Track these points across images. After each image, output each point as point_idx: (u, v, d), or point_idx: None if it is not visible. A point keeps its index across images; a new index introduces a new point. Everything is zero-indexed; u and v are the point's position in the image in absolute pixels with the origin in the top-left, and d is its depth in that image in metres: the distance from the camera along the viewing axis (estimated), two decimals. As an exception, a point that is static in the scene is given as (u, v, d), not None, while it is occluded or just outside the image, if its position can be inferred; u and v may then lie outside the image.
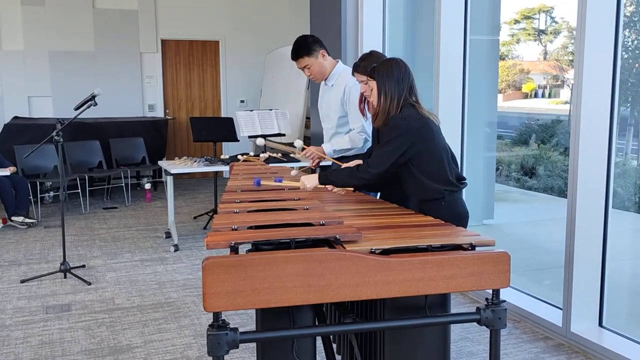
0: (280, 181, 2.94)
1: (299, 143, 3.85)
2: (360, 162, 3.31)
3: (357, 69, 3.15)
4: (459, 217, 2.63)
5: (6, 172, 6.38)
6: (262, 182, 2.88)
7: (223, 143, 8.97)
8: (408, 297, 1.83)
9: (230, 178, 3.19)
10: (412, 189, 2.69)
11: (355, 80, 3.22)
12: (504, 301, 1.90)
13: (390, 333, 1.96)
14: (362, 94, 3.26)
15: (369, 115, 3.44)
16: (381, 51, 5.56)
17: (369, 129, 3.48)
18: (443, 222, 2.28)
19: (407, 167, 2.64)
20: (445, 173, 2.63)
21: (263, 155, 4.36)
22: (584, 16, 3.18)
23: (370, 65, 3.11)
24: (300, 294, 1.69)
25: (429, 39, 4.66)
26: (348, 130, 3.61)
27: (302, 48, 3.61)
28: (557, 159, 8.62)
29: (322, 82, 3.78)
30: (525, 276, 4.83)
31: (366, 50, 3.95)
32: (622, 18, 3.23)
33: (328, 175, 2.79)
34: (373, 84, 2.72)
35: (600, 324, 3.45)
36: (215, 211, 6.28)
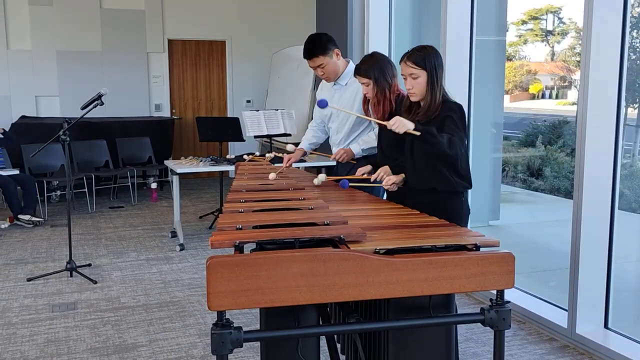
0: (346, 185, 3.04)
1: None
2: (369, 167, 3.30)
3: (359, 71, 3.15)
4: (468, 214, 2.75)
5: (13, 171, 6.44)
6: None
7: (229, 143, 9.00)
8: (412, 297, 1.83)
9: (236, 178, 3.20)
10: (437, 179, 2.69)
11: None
12: (509, 302, 1.90)
13: (394, 333, 1.96)
14: (364, 96, 3.26)
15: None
16: (387, 51, 5.59)
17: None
18: (447, 222, 2.28)
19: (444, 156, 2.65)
20: (469, 169, 2.73)
21: (269, 155, 4.37)
22: (591, 17, 3.17)
23: (372, 68, 3.11)
24: (304, 294, 1.69)
25: (435, 39, 4.66)
26: (363, 128, 3.60)
27: (317, 47, 3.54)
28: (563, 160, 8.60)
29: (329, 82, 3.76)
30: (530, 277, 4.82)
31: (372, 50, 3.94)
32: (628, 19, 3.22)
33: (426, 128, 2.52)
34: (421, 72, 2.66)
35: (605, 326, 3.43)
36: (220, 210, 6.29)
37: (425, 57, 2.66)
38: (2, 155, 6.63)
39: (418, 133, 2.49)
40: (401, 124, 2.49)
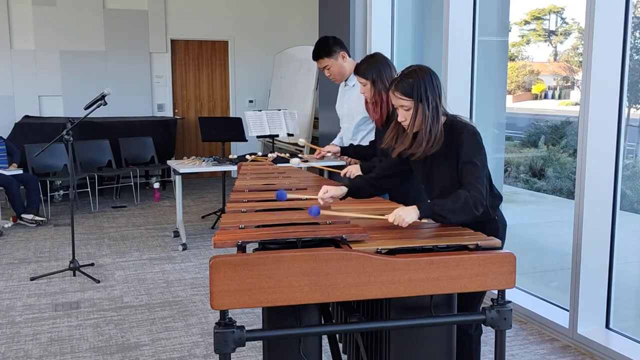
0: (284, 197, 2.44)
1: (301, 142, 3.95)
2: (357, 166, 3.33)
3: (358, 71, 3.17)
4: (505, 226, 2.50)
5: (16, 171, 6.45)
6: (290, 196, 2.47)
7: (231, 143, 9.01)
8: (414, 297, 1.84)
9: (238, 178, 3.21)
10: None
11: None
12: (510, 302, 1.91)
13: (395, 333, 1.97)
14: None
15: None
16: (389, 52, 5.59)
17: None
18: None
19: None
20: (493, 187, 2.43)
21: (271, 155, 4.38)
22: (592, 18, 3.18)
23: (370, 69, 3.11)
24: (306, 293, 1.71)
25: (438, 40, 4.66)
26: (369, 129, 3.64)
27: (323, 49, 3.72)
28: (566, 160, 8.59)
29: (342, 83, 3.83)
30: (532, 277, 4.82)
31: (375, 50, 3.96)
32: (630, 20, 3.23)
33: (434, 208, 2.16)
34: (412, 103, 2.26)
35: (607, 326, 3.44)
36: (223, 210, 6.31)
37: (414, 85, 2.23)
38: (5, 162, 6.64)
39: (425, 221, 2.18)
40: (402, 219, 2.13)
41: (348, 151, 3.58)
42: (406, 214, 2.14)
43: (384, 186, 2.66)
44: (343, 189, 2.54)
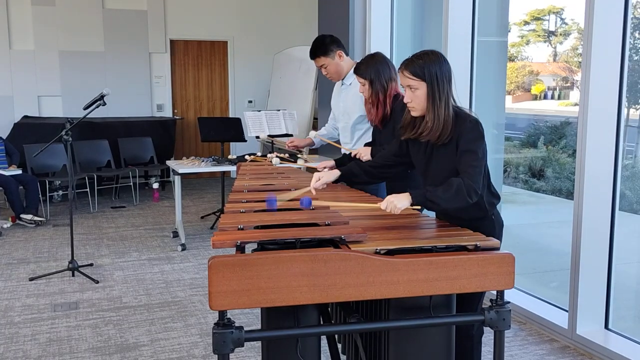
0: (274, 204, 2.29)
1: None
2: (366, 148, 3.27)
3: (358, 71, 3.16)
4: (502, 226, 2.49)
5: (15, 171, 6.45)
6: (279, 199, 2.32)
7: (231, 143, 9.01)
8: (413, 297, 1.84)
9: (238, 178, 3.21)
10: (464, 209, 2.24)
11: None
12: (509, 302, 1.90)
13: (394, 333, 1.97)
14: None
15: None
16: (389, 52, 5.59)
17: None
18: (448, 223, 2.28)
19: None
20: (492, 186, 2.42)
21: (270, 156, 4.37)
22: (592, 18, 3.18)
23: (369, 69, 3.10)
24: (305, 294, 1.70)
25: (437, 39, 4.66)
26: (366, 129, 3.63)
27: (319, 48, 3.71)
28: (565, 160, 8.58)
29: (339, 81, 3.82)
30: (531, 278, 4.82)
31: (374, 50, 3.96)
32: (629, 20, 3.23)
33: (426, 194, 2.17)
34: (420, 84, 2.26)
35: (606, 327, 3.44)
36: (222, 211, 6.30)
37: (425, 66, 2.24)
38: (5, 162, 6.64)
39: (417, 211, 2.21)
40: (394, 206, 2.14)
41: (343, 163, 3.43)
42: (398, 200, 2.16)
43: (382, 175, 2.66)
44: (336, 173, 2.55)
